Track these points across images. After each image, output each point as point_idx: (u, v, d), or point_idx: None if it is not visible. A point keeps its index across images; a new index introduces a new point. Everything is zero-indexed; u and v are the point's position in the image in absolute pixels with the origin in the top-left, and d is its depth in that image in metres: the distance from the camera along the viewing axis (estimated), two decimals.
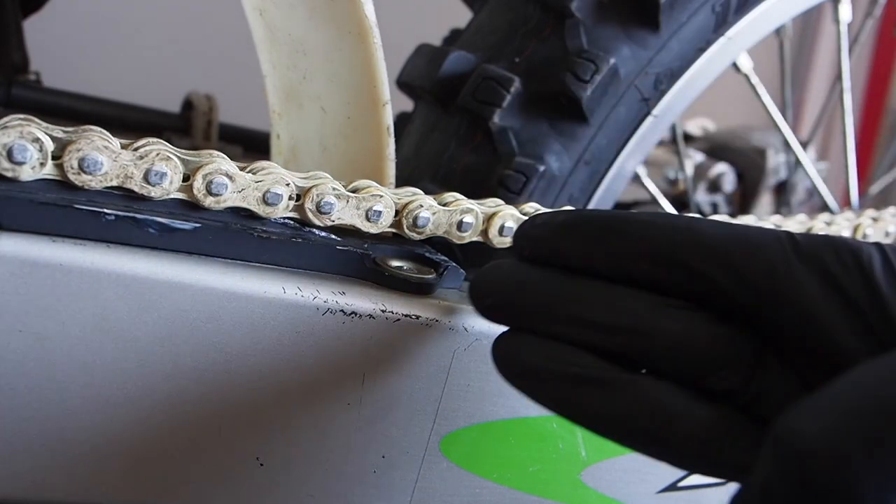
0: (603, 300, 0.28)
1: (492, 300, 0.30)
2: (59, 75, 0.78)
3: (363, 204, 0.36)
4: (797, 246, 0.26)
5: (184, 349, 0.31)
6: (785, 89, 0.91)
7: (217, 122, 0.79)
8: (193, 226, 0.32)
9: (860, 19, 0.79)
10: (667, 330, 0.28)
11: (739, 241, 0.27)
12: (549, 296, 0.29)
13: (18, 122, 0.30)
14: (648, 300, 0.28)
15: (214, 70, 1.18)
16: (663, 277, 0.28)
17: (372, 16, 0.37)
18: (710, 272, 0.27)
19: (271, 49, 0.43)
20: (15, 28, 0.70)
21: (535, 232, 0.31)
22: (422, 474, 0.37)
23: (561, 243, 0.30)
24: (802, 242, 0.26)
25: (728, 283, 0.27)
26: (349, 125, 0.41)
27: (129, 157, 0.31)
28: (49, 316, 0.29)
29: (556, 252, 0.30)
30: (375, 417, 0.35)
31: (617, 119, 0.45)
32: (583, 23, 0.44)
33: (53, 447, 0.31)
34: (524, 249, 0.31)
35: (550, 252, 0.30)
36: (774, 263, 0.26)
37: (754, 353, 0.28)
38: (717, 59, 0.49)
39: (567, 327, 0.28)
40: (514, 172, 0.43)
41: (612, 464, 0.41)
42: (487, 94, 0.44)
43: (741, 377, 0.27)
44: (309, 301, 0.33)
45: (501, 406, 0.37)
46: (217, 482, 0.34)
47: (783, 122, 0.62)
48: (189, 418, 0.32)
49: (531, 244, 0.31)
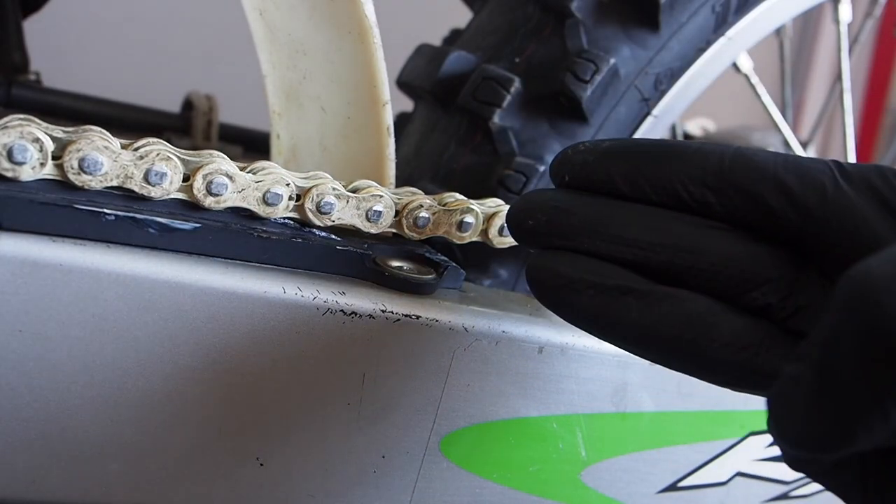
0: (647, 220, 0.29)
1: (534, 223, 0.31)
2: (59, 75, 0.78)
3: (363, 204, 0.36)
4: (844, 169, 0.28)
5: (184, 349, 0.31)
6: (785, 89, 0.91)
7: (217, 122, 0.79)
8: (193, 226, 0.32)
9: (860, 19, 0.79)
10: (711, 247, 0.29)
11: (790, 164, 0.28)
12: (593, 216, 0.30)
13: (18, 122, 0.30)
14: (692, 221, 0.29)
15: (214, 70, 1.18)
16: (711, 199, 0.29)
17: (372, 16, 0.37)
18: (762, 192, 0.28)
19: (271, 49, 0.43)
20: (15, 28, 0.69)
21: (579, 157, 0.31)
22: (422, 474, 0.37)
23: (607, 167, 0.30)
24: (848, 167, 0.28)
25: (779, 201, 0.28)
26: (349, 125, 0.41)
27: (129, 157, 0.31)
28: (49, 316, 0.29)
29: (600, 175, 0.31)
30: (375, 417, 0.35)
31: (617, 119, 0.45)
32: (583, 23, 0.44)
33: (53, 447, 0.31)
34: (565, 175, 0.31)
35: (594, 175, 0.31)
36: (824, 182, 0.28)
37: (795, 270, 0.29)
38: (717, 59, 0.49)
39: (610, 245, 0.29)
40: (514, 172, 0.43)
41: (612, 464, 0.41)
42: (487, 94, 0.44)
43: (780, 294, 0.28)
44: (309, 301, 0.33)
45: (501, 406, 0.37)
46: (217, 482, 0.34)
47: (783, 122, 0.63)
48: (189, 418, 0.32)
49: (573, 169, 0.31)
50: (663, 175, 0.30)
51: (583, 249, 0.30)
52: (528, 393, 0.38)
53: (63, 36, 1.11)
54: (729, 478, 0.46)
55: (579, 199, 0.31)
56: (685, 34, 0.46)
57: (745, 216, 0.29)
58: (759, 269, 0.28)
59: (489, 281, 0.45)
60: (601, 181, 0.31)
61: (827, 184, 0.28)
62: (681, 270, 0.29)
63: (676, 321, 0.28)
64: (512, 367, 0.37)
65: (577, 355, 0.38)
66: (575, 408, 0.39)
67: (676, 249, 0.29)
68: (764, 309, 0.29)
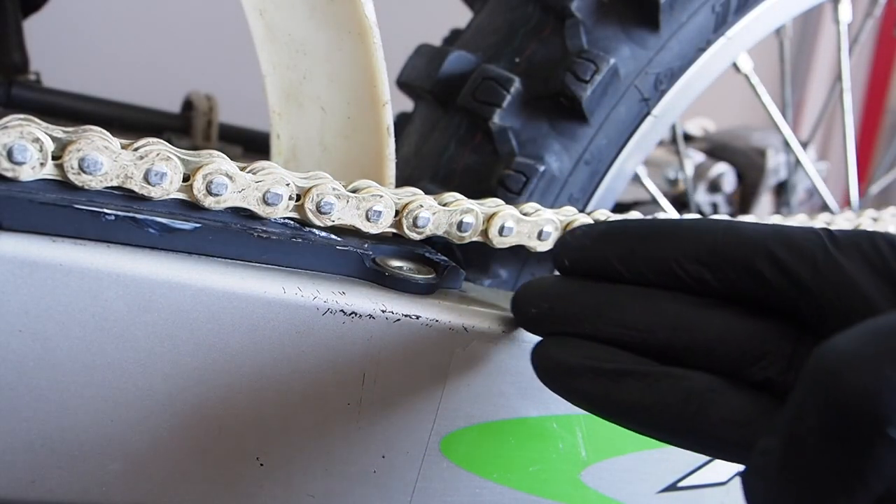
0: (644, 302, 0.30)
1: (537, 310, 0.32)
2: (59, 75, 0.78)
3: (363, 204, 0.36)
4: (834, 238, 0.28)
5: (184, 349, 0.31)
6: (785, 89, 0.91)
7: (217, 122, 0.79)
8: (193, 226, 0.32)
9: (860, 19, 0.79)
10: (709, 325, 0.29)
11: (780, 235, 0.28)
12: (592, 302, 0.31)
13: (18, 122, 0.30)
14: (689, 300, 0.30)
15: (214, 70, 1.18)
16: (707, 276, 0.29)
17: (372, 16, 0.37)
18: (755, 265, 0.28)
19: (271, 49, 0.43)
20: (15, 28, 0.69)
21: (577, 242, 0.32)
22: (422, 474, 0.37)
23: (603, 250, 0.31)
24: (839, 235, 0.28)
25: (772, 273, 0.28)
26: (349, 125, 0.41)
27: (129, 157, 0.31)
28: (49, 316, 0.29)
29: (597, 259, 0.32)
30: (375, 417, 0.35)
31: (617, 119, 0.45)
32: (583, 23, 0.44)
33: (53, 447, 0.31)
34: (565, 259, 0.33)
35: (592, 260, 0.32)
36: (815, 253, 0.28)
37: (793, 342, 0.29)
38: (717, 59, 0.49)
39: (610, 328, 0.30)
40: (514, 172, 0.43)
41: (612, 464, 0.41)
42: (487, 94, 0.44)
43: (779, 367, 0.29)
44: (309, 301, 0.33)
45: (501, 406, 0.37)
46: (217, 482, 0.34)
47: (783, 122, 0.62)
48: (189, 418, 0.32)
49: (572, 253, 0.32)
50: (659, 255, 0.30)
51: (585, 334, 0.31)
52: (528, 393, 0.38)
53: (63, 36, 1.11)
54: (729, 478, 0.46)
55: (578, 285, 0.32)
56: (685, 34, 0.46)
57: (742, 290, 0.29)
58: (757, 344, 0.29)
59: (489, 281, 0.45)
60: (600, 266, 0.32)
61: (818, 253, 0.28)
62: (680, 349, 0.29)
63: (675, 399, 0.28)
64: (512, 367, 0.37)
65: None
66: (575, 408, 0.39)
67: (674, 329, 0.29)
68: (764, 383, 0.29)
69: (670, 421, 0.28)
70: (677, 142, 0.74)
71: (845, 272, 0.27)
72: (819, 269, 0.28)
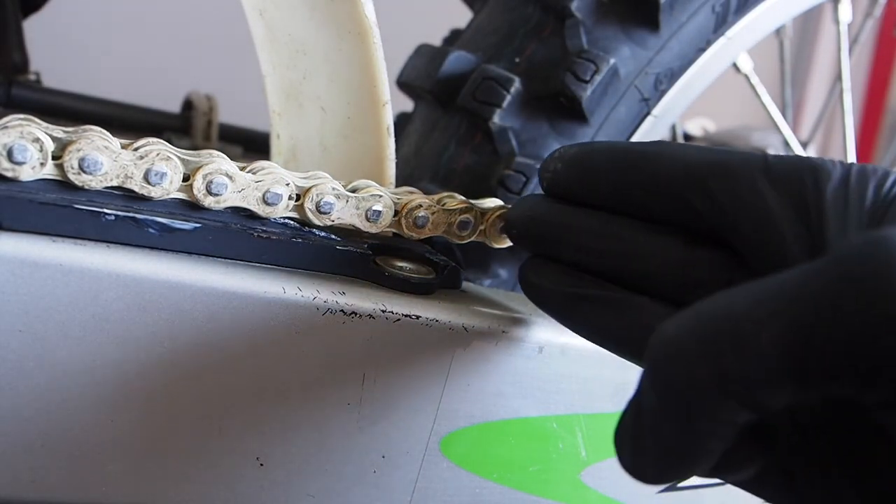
0: (598, 228, 0.31)
1: (516, 231, 0.35)
2: (59, 75, 0.78)
3: (363, 204, 0.36)
4: (768, 167, 0.27)
5: (184, 349, 0.31)
6: (785, 89, 0.91)
7: (217, 122, 0.79)
8: (193, 226, 0.32)
9: (860, 19, 0.79)
10: (652, 252, 0.30)
11: (714, 165, 0.28)
12: (555, 227, 0.32)
13: (18, 122, 0.30)
14: (640, 226, 0.30)
15: (214, 70, 1.18)
16: (652, 205, 0.30)
17: (372, 16, 0.37)
18: (687, 195, 0.28)
19: (271, 49, 0.43)
20: (15, 28, 0.69)
21: (551, 165, 0.33)
22: (422, 474, 0.37)
23: (569, 176, 0.32)
24: (773, 163, 0.27)
25: (702, 204, 0.28)
26: (349, 125, 0.41)
27: (129, 157, 0.31)
28: (49, 316, 0.29)
29: (567, 182, 0.33)
30: (375, 417, 0.35)
31: (617, 119, 0.45)
32: (583, 23, 0.44)
33: (53, 447, 0.31)
34: (543, 181, 0.34)
35: (563, 182, 0.33)
36: (741, 183, 0.27)
37: (729, 272, 0.29)
38: (717, 59, 0.49)
39: (572, 253, 0.32)
40: (514, 172, 0.43)
41: (613, 464, 0.41)
42: (487, 94, 0.44)
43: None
44: (309, 301, 0.33)
45: (501, 406, 0.37)
46: (217, 482, 0.34)
47: (783, 122, 0.62)
48: (189, 418, 0.32)
49: (547, 177, 0.33)
50: (615, 181, 0.31)
51: (554, 257, 0.33)
52: (528, 393, 0.38)
53: (63, 36, 1.11)
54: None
55: (547, 208, 0.33)
56: (685, 34, 0.46)
57: (684, 220, 0.29)
58: (692, 273, 0.29)
59: (489, 281, 0.45)
60: (567, 190, 0.33)
61: (743, 182, 0.27)
62: (629, 275, 0.30)
63: (620, 325, 0.30)
64: (512, 367, 0.37)
65: (577, 355, 0.38)
66: (575, 408, 0.39)
67: (623, 255, 0.30)
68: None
69: (622, 345, 0.30)
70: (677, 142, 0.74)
71: (766, 206, 0.26)
72: (739, 199, 0.27)
